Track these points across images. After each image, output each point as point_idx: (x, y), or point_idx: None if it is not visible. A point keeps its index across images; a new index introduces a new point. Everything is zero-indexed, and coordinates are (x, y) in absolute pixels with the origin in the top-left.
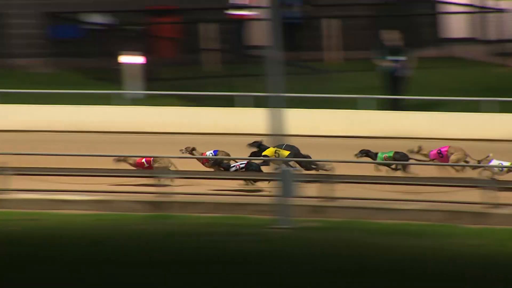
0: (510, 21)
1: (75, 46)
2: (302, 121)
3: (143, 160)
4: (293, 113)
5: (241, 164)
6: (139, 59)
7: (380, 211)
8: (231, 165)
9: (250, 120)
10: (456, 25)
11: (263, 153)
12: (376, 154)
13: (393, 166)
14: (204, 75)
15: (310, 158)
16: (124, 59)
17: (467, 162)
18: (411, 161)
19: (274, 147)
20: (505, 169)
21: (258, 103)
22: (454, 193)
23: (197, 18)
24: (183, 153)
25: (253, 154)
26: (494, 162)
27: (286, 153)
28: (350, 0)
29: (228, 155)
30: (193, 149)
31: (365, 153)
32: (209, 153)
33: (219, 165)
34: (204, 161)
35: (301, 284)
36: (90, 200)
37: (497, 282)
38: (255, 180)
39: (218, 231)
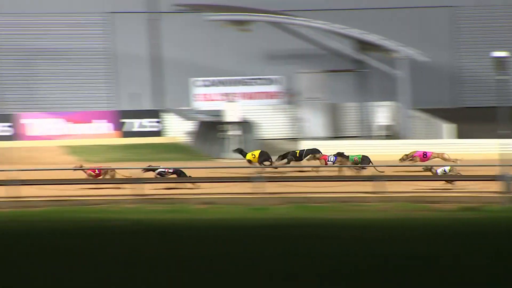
0: None
1: None
2: None
3: (96, 170)
4: None
5: (169, 169)
6: None
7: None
8: (163, 171)
9: None
10: None
11: (247, 156)
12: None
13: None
14: None
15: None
16: None
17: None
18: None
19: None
20: (447, 171)
21: None
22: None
23: None
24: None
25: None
26: (440, 169)
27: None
28: None
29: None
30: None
31: (340, 154)
32: (330, 157)
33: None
34: None
35: None
36: None
37: None
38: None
39: None
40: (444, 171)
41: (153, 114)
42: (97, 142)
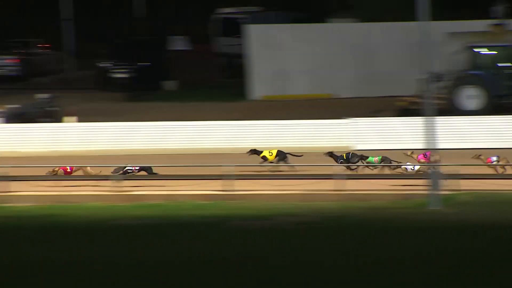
0: None
1: None
2: None
3: (68, 168)
4: None
5: (136, 167)
6: None
7: None
8: (128, 169)
9: None
10: None
11: (262, 154)
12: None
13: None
14: None
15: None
16: None
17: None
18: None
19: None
20: (416, 169)
21: None
22: None
23: None
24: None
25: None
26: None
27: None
28: None
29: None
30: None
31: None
32: (493, 158)
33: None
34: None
35: None
36: None
37: None
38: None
39: None
40: (413, 168)
41: None
42: None
